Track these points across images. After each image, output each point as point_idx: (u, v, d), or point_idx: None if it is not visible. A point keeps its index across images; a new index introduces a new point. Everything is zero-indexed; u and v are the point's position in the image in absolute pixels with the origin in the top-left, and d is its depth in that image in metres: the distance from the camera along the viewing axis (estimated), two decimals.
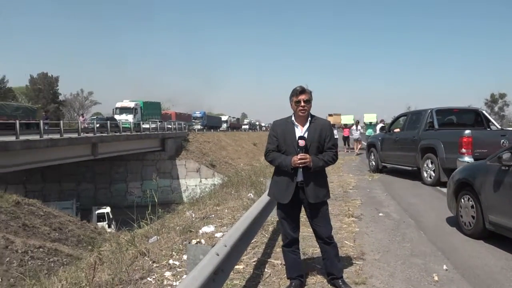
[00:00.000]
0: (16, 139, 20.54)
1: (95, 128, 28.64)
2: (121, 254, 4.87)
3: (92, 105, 78.73)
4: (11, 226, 13.80)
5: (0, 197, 15.42)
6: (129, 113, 39.88)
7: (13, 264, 11.67)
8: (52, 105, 64.91)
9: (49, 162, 24.82)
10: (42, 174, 33.17)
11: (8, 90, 64.72)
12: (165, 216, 8.00)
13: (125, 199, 35.27)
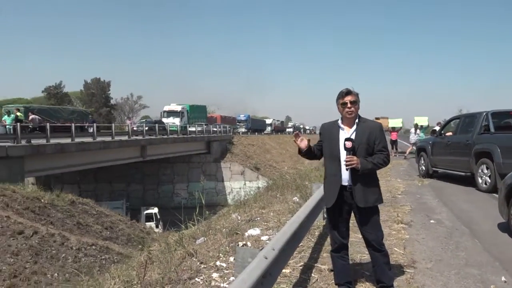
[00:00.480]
0: (72, 141, 21.65)
1: (144, 131, 29.60)
2: (170, 254, 4.98)
3: (141, 109, 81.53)
4: (67, 224, 14.50)
5: (57, 196, 16.24)
6: (176, 116, 40.88)
7: (68, 260, 12.26)
8: (104, 108, 67.84)
9: (101, 164, 25.96)
10: (94, 175, 34.70)
11: (65, 95, 68.38)
12: (211, 218, 8.12)
13: (172, 200, 36.20)
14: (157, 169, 36.50)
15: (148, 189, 36.92)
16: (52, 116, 29.10)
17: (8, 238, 11.88)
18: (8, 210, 13.26)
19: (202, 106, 51.45)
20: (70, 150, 21.57)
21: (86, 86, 70.28)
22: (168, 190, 37.07)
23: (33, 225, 13.00)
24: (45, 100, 63.97)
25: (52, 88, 66.65)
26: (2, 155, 16.96)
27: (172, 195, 36.88)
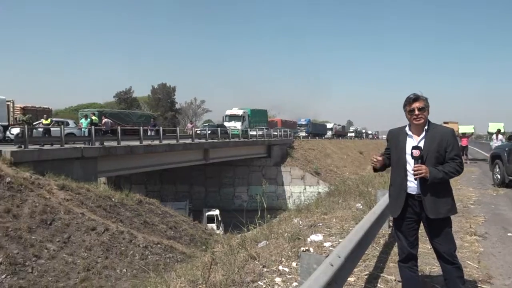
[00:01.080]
0: (140, 143, 22.75)
1: (207, 135, 30.39)
2: (233, 257, 5.05)
3: (204, 113, 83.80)
4: (135, 222, 15.22)
5: (126, 195, 17.12)
6: (237, 120, 41.54)
7: (136, 257, 12.86)
8: (169, 112, 70.61)
9: (166, 165, 27.02)
10: (160, 176, 36.15)
11: (134, 100, 72.14)
12: (272, 222, 8.13)
13: (233, 203, 36.76)
14: (218, 172, 37.27)
15: (210, 191, 37.80)
16: (122, 119, 30.77)
17: (83, 233, 12.71)
18: (83, 208, 14.19)
19: (263, 110, 51.86)
20: (138, 152, 22.67)
21: (153, 91, 73.62)
22: (229, 192, 37.70)
23: (105, 222, 13.80)
24: (116, 104, 67.91)
25: (123, 93, 70.63)
26: (78, 156, 18.20)
27: (233, 197, 37.45)
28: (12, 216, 11.95)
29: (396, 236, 3.73)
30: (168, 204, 21.94)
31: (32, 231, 11.74)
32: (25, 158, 15.63)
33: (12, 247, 10.80)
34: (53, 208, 13.19)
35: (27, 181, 13.95)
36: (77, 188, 15.35)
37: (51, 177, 15.30)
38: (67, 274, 10.76)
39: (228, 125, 39.11)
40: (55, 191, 14.42)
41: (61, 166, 16.72)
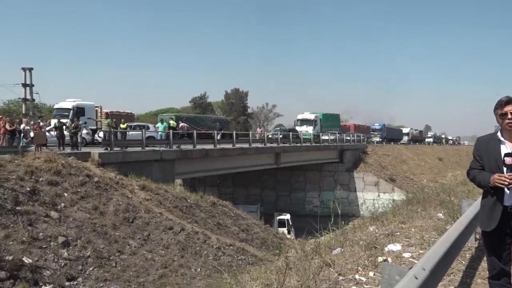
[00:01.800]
0: (214, 147, 23.45)
1: (278, 139, 30.54)
2: (307, 262, 4.98)
3: (275, 117, 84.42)
4: (208, 223, 15.68)
5: (200, 197, 17.70)
6: (309, 124, 41.29)
7: (209, 258, 13.22)
8: (242, 117, 72.07)
9: (239, 169, 27.56)
10: (232, 179, 36.96)
11: (208, 104, 74.69)
12: (345, 229, 7.92)
13: (303, 208, 36.52)
14: (289, 176, 37.24)
15: (280, 195, 37.89)
16: (197, 124, 31.97)
17: (161, 232, 13.34)
18: (161, 207, 14.90)
19: (335, 115, 51.07)
20: (213, 156, 23.38)
21: (227, 96, 75.68)
22: (300, 197, 37.50)
23: (181, 222, 14.37)
24: (191, 109, 70.77)
25: (198, 99, 73.45)
26: (157, 158, 19.20)
27: (304, 202, 37.20)
28: (99, 213, 12.87)
29: (486, 251, 3.45)
30: (240, 207, 22.35)
31: (116, 228, 12.56)
32: (111, 160, 16.80)
33: (98, 242, 11.63)
34: (135, 207, 14.00)
35: (112, 181, 14.96)
36: (156, 188, 16.17)
37: (133, 178, 16.29)
38: (146, 270, 11.34)
39: (300, 130, 39.00)
40: (136, 191, 15.32)
41: (142, 167, 17.75)
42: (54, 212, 11.98)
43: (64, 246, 10.91)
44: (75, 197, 13.12)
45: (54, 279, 9.84)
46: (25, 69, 32.82)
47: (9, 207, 11.23)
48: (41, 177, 13.13)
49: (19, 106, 42.61)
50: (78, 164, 14.96)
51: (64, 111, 24.91)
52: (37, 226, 11.13)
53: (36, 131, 17.02)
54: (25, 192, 12.18)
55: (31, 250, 10.28)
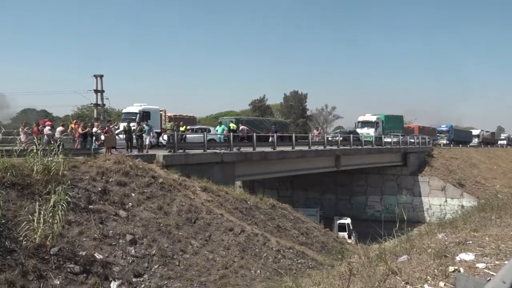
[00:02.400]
0: (273, 150, 23.51)
1: (338, 141, 30.00)
2: (372, 269, 4.82)
3: (334, 119, 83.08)
4: (268, 226, 15.73)
5: (260, 199, 17.81)
6: (370, 126, 40.20)
7: (269, 260, 13.25)
8: (301, 119, 71.70)
9: (298, 172, 27.46)
10: (291, 182, 36.86)
11: (267, 107, 75.18)
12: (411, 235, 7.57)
13: (364, 212, 35.60)
14: (350, 180, 36.46)
15: (340, 198, 37.19)
16: (257, 126, 32.23)
17: (222, 233, 13.58)
18: (222, 209, 15.18)
19: (398, 116, 49.29)
20: (272, 158, 23.47)
21: (286, 98, 75.71)
22: (361, 201, 36.58)
23: (241, 224, 14.54)
24: (250, 112, 71.59)
25: (257, 101, 74.15)
26: (218, 161, 19.61)
27: (365, 206, 36.24)
28: (164, 213, 13.37)
29: None
30: (299, 210, 22.20)
31: (179, 228, 12.97)
32: (174, 162, 17.41)
33: (163, 240, 12.08)
34: (197, 208, 14.38)
35: (175, 182, 15.49)
36: (217, 190, 16.50)
37: (195, 179, 16.75)
38: (208, 270, 11.59)
39: (361, 132, 38.07)
40: (198, 192, 15.74)
41: (204, 169, 18.21)
42: (122, 211, 12.63)
43: (132, 244, 11.44)
44: (142, 197, 13.73)
45: (123, 275, 10.34)
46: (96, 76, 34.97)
47: (82, 206, 12.00)
48: (111, 178, 13.90)
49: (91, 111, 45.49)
50: (144, 165, 15.66)
51: (131, 115, 26.19)
52: (107, 224, 11.78)
53: (106, 134, 18.03)
54: (97, 191, 12.95)
55: (102, 246, 10.89)
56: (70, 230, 10.88)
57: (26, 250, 9.57)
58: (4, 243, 9.57)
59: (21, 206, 10.81)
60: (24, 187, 11.59)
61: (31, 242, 9.69)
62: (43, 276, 9.25)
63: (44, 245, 9.86)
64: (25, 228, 9.71)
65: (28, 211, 10.40)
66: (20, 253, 9.46)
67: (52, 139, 16.66)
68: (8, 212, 10.39)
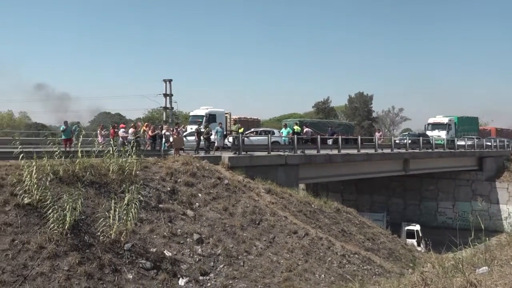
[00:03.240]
0: (338, 152, 23.11)
1: (407, 144, 28.81)
2: (447, 280, 4.55)
3: (402, 121, 79.85)
4: (332, 230, 15.46)
5: (324, 202, 17.57)
6: (442, 129, 38.15)
7: (333, 265, 13.01)
8: (366, 121, 69.76)
9: (363, 175, 26.73)
10: (356, 186, 35.95)
11: (331, 109, 74.06)
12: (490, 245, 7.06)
13: (435, 219, 33.92)
14: (419, 184, 34.84)
15: (409, 204, 35.64)
16: (321, 129, 31.84)
17: (286, 235, 13.56)
18: (286, 211, 15.16)
19: (472, 118, 46.29)
20: (337, 161, 23.07)
21: (350, 100, 74.08)
22: (431, 207, 34.80)
23: (305, 227, 14.42)
24: (314, 114, 70.91)
25: (321, 103, 73.32)
26: (282, 163, 19.64)
27: (436, 213, 34.45)
28: (229, 214, 13.63)
29: None
30: (365, 215, 21.65)
31: (243, 229, 13.14)
32: (239, 163, 17.70)
33: (228, 241, 12.30)
34: (261, 209, 14.49)
35: (240, 184, 15.74)
36: (281, 192, 16.53)
37: (259, 181, 16.91)
38: (272, 272, 11.61)
39: (431, 134, 36.24)
40: (262, 194, 15.86)
41: (267, 171, 18.31)
42: (190, 210, 13.06)
43: (198, 243, 11.79)
44: (208, 197, 14.11)
45: (190, 272, 10.68)
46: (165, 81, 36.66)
47: (153, 204, 12.58)
48: (179, 178, 14.43)
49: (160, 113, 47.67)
50: (210, 167, 16.09)
51: (198, 117, 27.08)
52: (175, 223, 12.24)
53: (175, 136, 18.76)
54: (166, 191, 13.52)
55: (170, 244, 11.33)
56: (142, 228, 11.45)
57: (103, 244, 10.22)
58: (84, 237, 10.30)
59: (98, 203, 11.58)
60: (101, 186, 12.40)
61: (107, 237, 10.33)
62: (118, 270, 9.81)
63: (119, 241, 10.46)
64: (102, 224, 10.38)
65: (104, 208, 11.11)
66: (97, 247, 10.12)
67: (126, 141, 17.62)
68: (87, 208, 11.17)
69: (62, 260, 9.45)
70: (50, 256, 9.36)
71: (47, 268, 9.13)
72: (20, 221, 10.06)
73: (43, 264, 9.19)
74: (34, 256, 9.32)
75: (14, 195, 10.66)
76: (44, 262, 9.23)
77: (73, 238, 10.06)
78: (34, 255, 9.33)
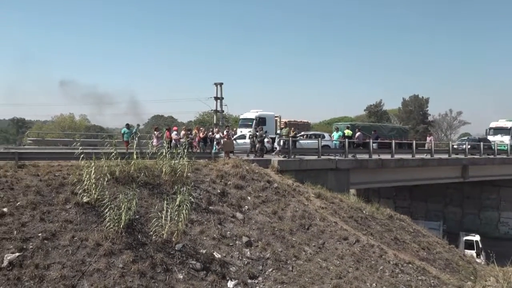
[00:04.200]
0: (391, 157, 22.41)
1: (466, 150, 27.39)
2: None
3: (460, 125, 76.08)
4: (385, 237, 14.97)
5: (376, 209, 17.08)
6: (505, 133, 35.86)
7: (385, 273, 12.57)
8: (421, 125, 67.18)
9: (417, 181, 25.77)
10: (410, 192, 34.65)
11: (384, 113, 72.06)
12: None
13: (496, 230, 32.06)
14: (479, 192, 32.99)
15: (467, 213, 33.83)
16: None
17: (335, 241, 13.30)
18: (336, 217, 14.89)
19: None
20: (389, 166, 22.39)
21: (404, 103, 71.74)
22: (492, 217, 32.83)
23: (356, 233, 14.08)
24: (366, 117, 69.28)
25: (373, 107, 71.53)
26: (332, 167, 19.34)
27: (497, 223, 32.47)
28: (278, 218, 13.59)
29: None
30: (419, 223, 20.88)
31: (292, 233, 13.04)
32: (289, 167, 17.64)
33: (277, 245, 12.26)
34: (310, 214, 14.33)
35: (289, 188, 15.67)
36: (331, 197, 16.27)
37: (309, 186, 16.76)
38: (321, 278, 11.42)
39: (493, 140, 34.17)
40: (312, 198, 15.68)
41: (317, 175, 18.13)
42: (239, 213, 13.16)
43: (247, 245, 11.84)
44: (257, 201, 14.15)
45: (239, 275, 10.74)
46: (216, 84, 37.32)
47: (203, 206, 12.81)
48: (229, 181, 14.60)
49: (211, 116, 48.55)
50: (260, 170, 16.15)
51: (248, 121, 27.30)
52: (225, 225, 12.39)
53: (225, 139, 19.02)
54: (216, 193, 13.72)
55: (220, 246, 11.46)
56: (193, 229, 11.69)
57: (155, 244, 10.54)
58: (137, 236, 10.67)
59: (151, 204, 11.97)
60: (154, 187, 12.82)
61: (159, 237, 10.64)
62: (169, 270, 10.07)
63: (170, 241, 10.74)
64: (154, 224, 10.72)
65: (157, 209, 11.47)
66: (150, 247, 10.45)
67: (178, 143, 18.10)
68: (141, 208, 11.57)
69: (117, 257, 9.84)
70: (106, 253, 9.79)
71: (103, 264, 9.54)
72: (80, 219, 10.62)
73: (99, 260, 9.62)
74: (92, 252, 9.78)
75: (74, 193, 11.29)
76: (101, 259, 9.66)
77: (128, 237, 10.45)
78: (91, 251, 9.80)
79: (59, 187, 11.66)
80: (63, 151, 18.02)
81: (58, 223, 10.35)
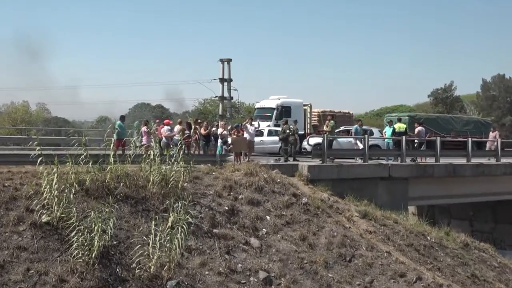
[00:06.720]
0: (467, 162, 22.13)
1: None
2: None
3: None
4: (458, 274, 14.82)
5: (446, 234, 16.91)
6: None
7: None
8: (509, 117, 66.27)
9: (505, 196, 25.38)
10: (493, 211, 34.12)
11: (455, 99, 71.32)
12: None
13: None
14: None
15: None
16: (441, 127, 30.72)
17: (388, 279, 13.20)
18: (389, 245, 14.78)
19: None
20: (464, 174, 22.19)
21: (485, 86, 70.98)
22: None
23: (417, 268, 13.96)
24: (430, 106, 68.79)
25: (440, 92, 70.87)
26: (383, 176, 19.23)
27: None
28: (308, 245, 13.55)
29: None
30: (507, 254, 20.56)
31: (329, 267, 12.99)
32: (323, 175, 17.58)
33: (307, 283, 12.22)
34: (353, 240, 14.25)
35: (324, 204, 15.61)
36: (382, 217, 16.16)
37: (351, 201, 16.68)
38: None
39: None
40: (355, 219, 15.61)
41: (363, 187, 18.05)
42: (254, 239, 13.16)
43: (266, 283, 11.82)
44: (279, 222, 14.14)
45: None
46: (223, 61, 36.97)
47: (205, 229, 12.84)
48: (241, 194, 14.61)
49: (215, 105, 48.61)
50: (283, 179, 16.13)
51: (266, 111, 27.23)
52: (235, 255, 12.39)
53: (234, 136, 18.86)
54: (223, 211, 13.74)
55: (228, 284, 11.47)
56: (190, 260, 11.71)
57: (139, 281, 10.59)
58: (115, 269, 10.74)
59: (134, 225, 12.03)
60: (138, 202, 12.88)
61: (145, 271, 10.69)
62: None
63: (160, 277, 10.78)
64: (138, 253, 10.76)
65: (142, 232, 11.52)
66: (132, 284, 10.50)
67: (171, 142, 18.14)
68: (120, 231, 11.64)
69: None
70: None
71: None
72: (37, 245, 10.72)
73: None
74: None
75: (30, 210, 11.40)
76: None
77: (102, 271, 10.52)
78: None
79: (9, 201, 11.77)
80: (14, 152, 18.26)
81: (8, 251, 10.45)
